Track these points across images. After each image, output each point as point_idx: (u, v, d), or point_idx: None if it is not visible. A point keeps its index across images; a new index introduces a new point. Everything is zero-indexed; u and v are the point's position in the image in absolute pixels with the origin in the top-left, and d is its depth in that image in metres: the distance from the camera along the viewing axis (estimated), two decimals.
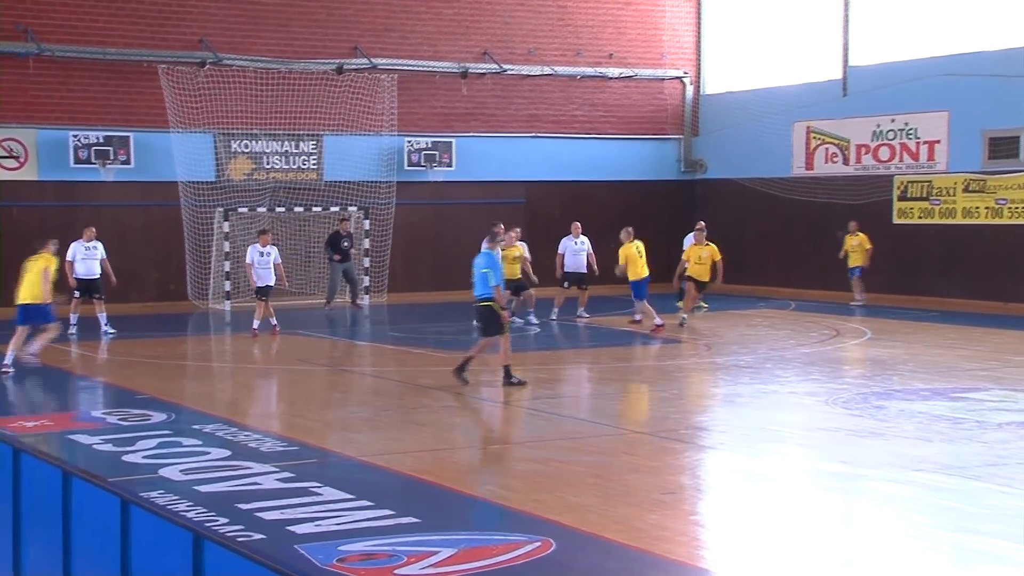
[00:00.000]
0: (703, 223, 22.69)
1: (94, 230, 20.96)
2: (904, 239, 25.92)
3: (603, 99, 30.08)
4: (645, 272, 20.71)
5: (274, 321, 20.03)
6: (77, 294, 20.30)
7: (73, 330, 20.06)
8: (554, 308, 22.14)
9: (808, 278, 27.80)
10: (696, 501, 9.38)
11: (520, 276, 20.78)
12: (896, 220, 26.17)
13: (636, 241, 21.00)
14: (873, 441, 11.21)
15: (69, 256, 20.31)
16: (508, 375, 14.43)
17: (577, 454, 10.79)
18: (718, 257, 21.32)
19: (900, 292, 25.68)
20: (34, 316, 15.90)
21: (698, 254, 21.57)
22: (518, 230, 21.75)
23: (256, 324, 19.98)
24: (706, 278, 21.45)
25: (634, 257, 20.74)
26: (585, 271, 22.52)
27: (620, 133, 30.30)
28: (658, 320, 19.89)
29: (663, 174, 30.76)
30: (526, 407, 13.44)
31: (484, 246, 15.10)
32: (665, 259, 24.77)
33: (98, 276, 20.40)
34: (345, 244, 25.19)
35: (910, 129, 26.00)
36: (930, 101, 25.47)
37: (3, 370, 15.53)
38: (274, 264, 20.30)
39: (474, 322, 15.24)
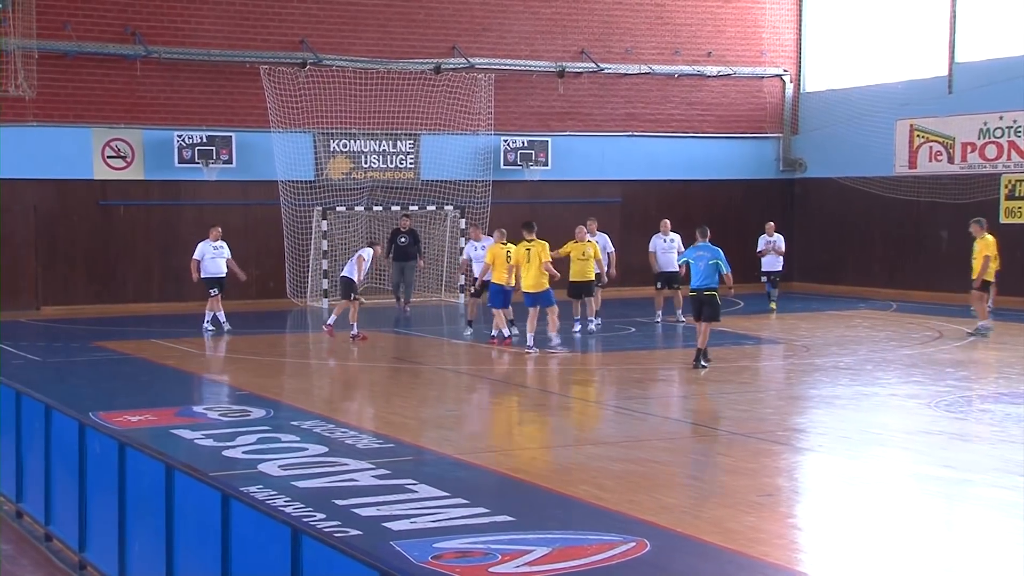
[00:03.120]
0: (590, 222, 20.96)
1: (220, 230, 21.24)
2: (1012, 239, 25.26)
3: (701, 98, 29.84)
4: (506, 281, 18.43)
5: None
6: (215, 291, 20.67)
7: (213, 326, 20.52)
8: (656, 311, 21.92)
9: (911, 278, 27.29)
10: (793, 504, 9.27)
11: (591, 277, 19.58)
12: (1003, 220, 25.54)
13: (509, 244, 18.56)
14: (978, 445, 10.97)
15: (197, 255, 20.79)
16: (705, 356, 15.82)
17: (672, 455, 10.73)
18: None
19: (1008, 293, 25.04)
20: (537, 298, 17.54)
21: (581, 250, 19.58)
22: (593, 220, 20.79)
23: (331, 320, 19.66)
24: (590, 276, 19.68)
25: (501, 261, 18.46)
26: (675, 270, 21.97)
27: (718, 132, 30.04)
28: (496, 333, 18.44)
29: (761, 173, 30.42)
30: (621, 407, 13.40)
31: (701, 240, 16.15)
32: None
33: (224, 274, 20.78)
34: (403, 241, 24.93)
35: (1019, 127, 25.35)
36: None
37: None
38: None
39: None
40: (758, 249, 24.32)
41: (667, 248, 22.11)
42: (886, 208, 27.81)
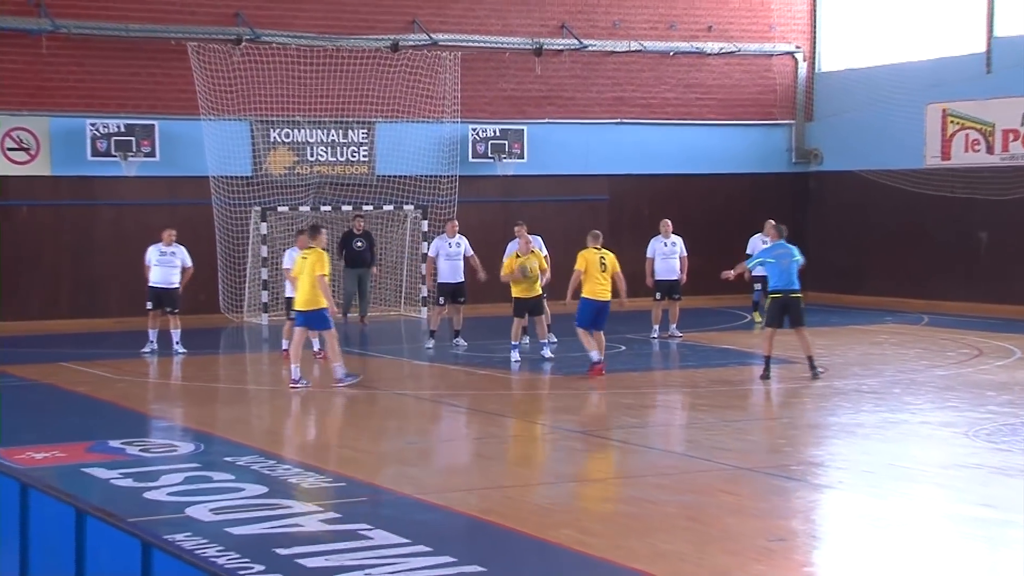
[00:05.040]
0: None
1: (175, 232, 20.88)
2: None
3: (700, 79, 29.94)
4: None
5: (318, 344, 19.89)
6: (149, 305, 20.40)
7: (150, 348, 20.34)
8: (653, 325, 21.93)
9: (945, 287, 27.42)
10: (810, 550, 9.27)
11: (539, 291, 19.39)
12: None
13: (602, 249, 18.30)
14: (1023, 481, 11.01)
15: (147, 260, 20.52)
16: (813, 365, 16.97)
17: (669, 493, 10.72)
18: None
19: None
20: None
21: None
22: (522, 225, 20.14)
23: (285, 344, 19.62)
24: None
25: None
26: (676, 278, 22.07)
27: (720, 119, 30.14)
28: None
29: (771, 166, 30.55)
30: (610, 438, 13.40)
31: (778, 237, 17.32)
32: None
33: (175, 286, 20.45)
34: (358, 245, 25.06)
35: None
36: None
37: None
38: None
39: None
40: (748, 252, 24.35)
41: (668, 253, 22.13)
42: (915, 206, 27.97)
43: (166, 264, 20.47)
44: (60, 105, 25.08)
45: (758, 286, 24.08)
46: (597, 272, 17.74)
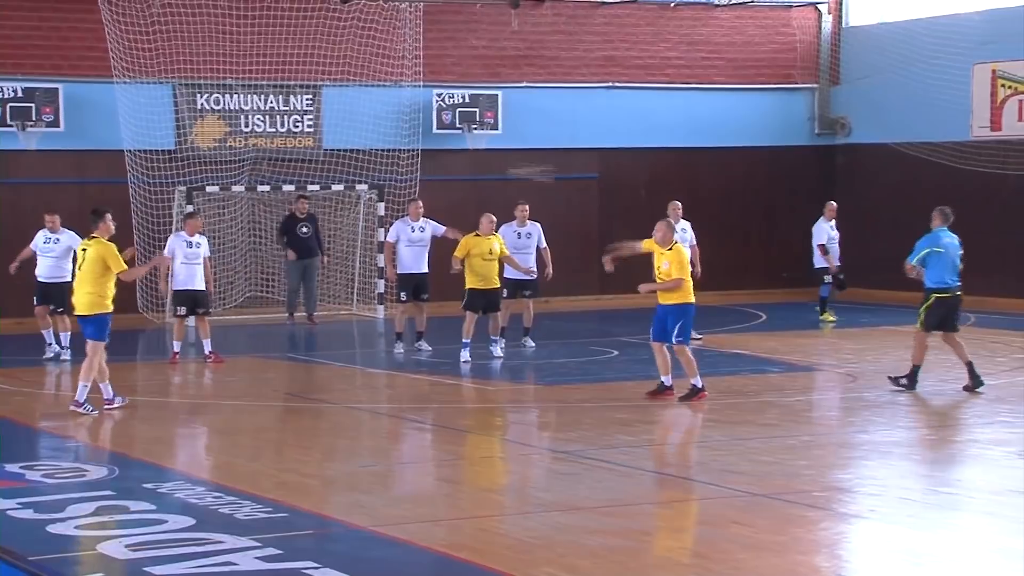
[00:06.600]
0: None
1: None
2: None
3: (707, 35, 29.98)
4: None
5: (209, 346, 20.16)
6: (36, 302, 20.50)
7: (52, 352, 20.42)
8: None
9: (995, 282, 27.46)
10: None
11: (498, 284, 20.21)
12: None
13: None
14: None
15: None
16: (975, 373, 16.73)
17: (671, 524, 10.71)
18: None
19: None
20: None
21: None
22: (492, 217, 20.57)
23: (177, 347, 20.18)
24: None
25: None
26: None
27: (730, 82, 30.19)
28: None
29: (790, 138, 30.60)
30: (601, 459, 13.40)
31: (943, 223, 17.49)
32: (799, 252, 24.67)
33: (62, 279, 20.34)
34: (304, 231, 25.14)
35: None
36: None
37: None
38: (204, 260, 20.49)
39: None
40: (819, 242, 24.42)
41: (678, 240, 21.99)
42: (960, 184, 28.01)
43: (48, 253, 20.48)
44: None
45: (828, 279, 24.16)
46: (685, 267, 16.55)
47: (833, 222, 24.75)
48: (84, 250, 16.40)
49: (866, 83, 30.26)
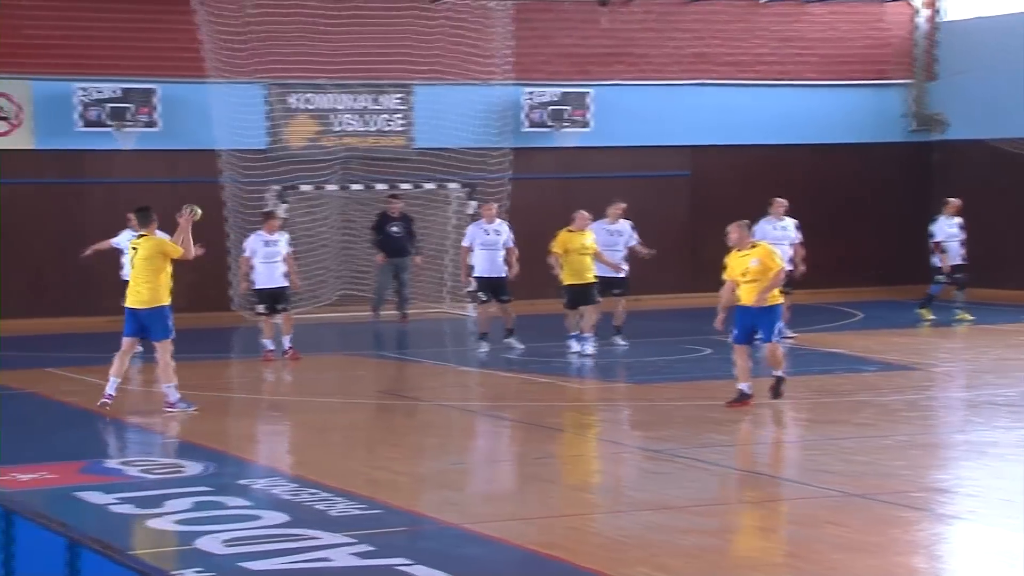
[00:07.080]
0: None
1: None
2: None
3: (799, 31, 29.79)
4: None
5: (288, 342, 20.31)
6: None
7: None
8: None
9: None
10: None
11: (593, 279, 20.31)
12: None
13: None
14: None
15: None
16: None
17: (762, 523, 10.68)
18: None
19: None
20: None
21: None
22: (586, 213, 20.84)
23: (269, 344, 20.24)
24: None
25: None
26: (787, 267, 21.57)
27: (823, 78, 29.98)
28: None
29: (884, 135, 30.34)
30: (693, 457, 13.37)
31: None
32: (893, 250, 24.44)
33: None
34: (395, 231, 25.21)
35: None
36: None
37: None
38: (285, 257, 20.61)
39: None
40: (934, 240, 24.20)
41: (779, 238, 21.46)
42: None
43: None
44: (43, 67, 25.28)
45: (942, 277, 23.92)
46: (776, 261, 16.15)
47: (956, 219, 24.39)
48: (135, 248, 16.43)
49: (963, 79, 29.93)
